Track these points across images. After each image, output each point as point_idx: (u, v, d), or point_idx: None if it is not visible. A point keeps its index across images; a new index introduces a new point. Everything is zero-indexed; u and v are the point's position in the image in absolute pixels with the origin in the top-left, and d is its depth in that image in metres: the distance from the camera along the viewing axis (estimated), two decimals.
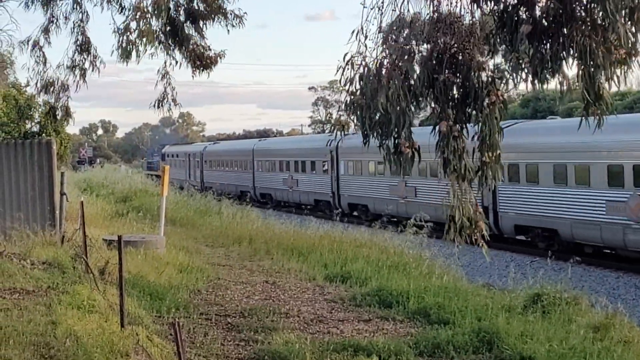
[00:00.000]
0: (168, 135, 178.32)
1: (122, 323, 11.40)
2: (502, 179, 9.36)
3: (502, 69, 8.63)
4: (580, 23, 7.59)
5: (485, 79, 8.51)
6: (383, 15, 8.90)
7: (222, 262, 21.20)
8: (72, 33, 16.01)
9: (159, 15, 14.28)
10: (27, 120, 33.70)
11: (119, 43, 14.38)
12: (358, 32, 8.74)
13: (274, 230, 27.22)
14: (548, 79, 7.98)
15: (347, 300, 15.86)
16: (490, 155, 8.78)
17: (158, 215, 25.03)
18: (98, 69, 16.17)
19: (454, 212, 8.86)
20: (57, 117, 17.04)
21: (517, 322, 13.38)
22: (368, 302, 15.49)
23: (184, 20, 15.72)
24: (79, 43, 15.95)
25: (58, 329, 11.03)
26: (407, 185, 38.90)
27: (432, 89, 8.63)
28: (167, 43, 15.61)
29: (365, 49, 8.76)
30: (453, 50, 8.57)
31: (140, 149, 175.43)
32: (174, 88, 16.63)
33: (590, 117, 8.24)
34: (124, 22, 14.40)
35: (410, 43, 8.89)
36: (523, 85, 8.60)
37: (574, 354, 11.51)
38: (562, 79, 7.93)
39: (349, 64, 8.75)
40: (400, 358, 11.60)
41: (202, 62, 16.11)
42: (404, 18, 9.00)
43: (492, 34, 8.32)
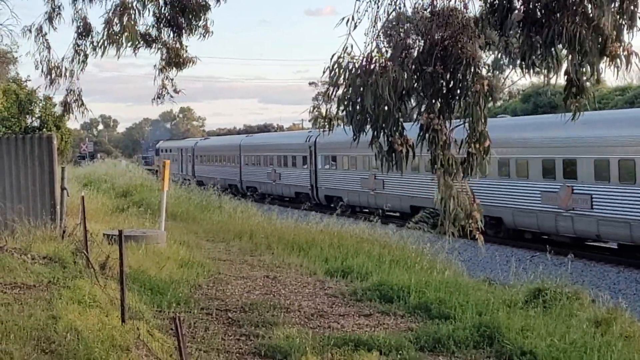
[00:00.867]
0: (168, 131, 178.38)
1: (122, 318, 11.39)
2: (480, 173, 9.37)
3: (495, 61, 8.61)
4: (572, 11, 7.57)
5: (474, 70, 8.48)
6: (379, 8, 8.87)
7: (222, 256, 21.20)
8: (73, 21, 15.99)
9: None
10: (27, 115, 33.64)
11: (102, 36, 14.51)
12: (349, 20, 8.69)
13: (275, 225, 27.23)
14: (536, 66, 7.96)
15: (347, 295, 15.86)
16: (478, 147, 8.76)
17: (159, 210, 25.05)
18: (100, 52, 16.13)
19: (448, 203, 8.83)
20: (71, 111, 16.90)
21: (518, 317, 13.38)
22: (369, 296, 15.48)
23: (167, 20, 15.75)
24: (80, 30, 15.92)
25: (59, 324, 11.03)
26: (376, 179, 41.92)
27: (419, 82, 8.60)
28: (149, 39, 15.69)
29: (352, 48, 8.71)
30: (445, 43, 8.54)
31: (141, 144, 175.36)
32: (172, 79, 16.65)
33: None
34: (107, 14, 14.48)
35: (407, 37, 8.86)
36: (520, 80, 8.59)
37: (575, 349, 11.51)
38: (551, 67, 7.90)
39: (337, 63, 8.71)
40: (401, 353, 11.59)
41: (176, 60, 16.22)
42: (402, 13, 8.98)
43: (482, 18, 8.27)
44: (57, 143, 22.05)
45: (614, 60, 7.83)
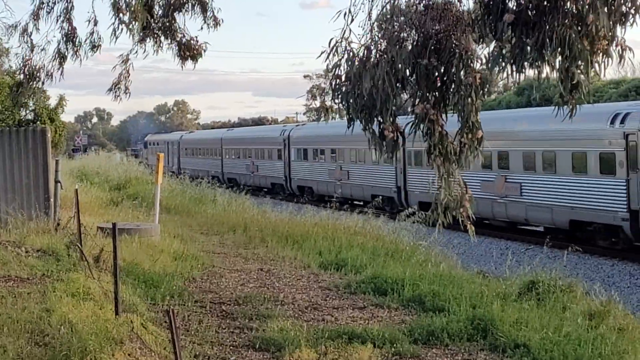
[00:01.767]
0: (161, 124, 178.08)
1: (116, 311, 11.39)
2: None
3: (490, 56, 8.61)
4: (563, 13, 7.59)
5: (467, 62, 8.50)
6: (374, 1, 8.87)
7: (216, 249, 21.19)
8: (56, 21, 15.87)
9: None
10: (21, 108, 33.57)
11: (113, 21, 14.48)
12: (346, 13, 8.69)
13: (269, 218, 27.23)
14: (526, 69, 8.03)
15: (341, 288, 15.87)
16: (470, 137, 8.80)
17: (153, 203, 25.02)
18: (80, 59, 16.01)
19: (440, 192, 8.88)
20: (23, 92, 16.67)
21: (511, 309, 13.39)
22: (363, 289, 15.49)
23: (169, 12, 15.60)
24: (65, 32, 15.81)
25: (52, 317, 11.02)
26: (342, 169, 46.34)
27: (414, 74, 8.62)
28: (155, 33, 15.52)
29: (350, 34, 8.72)
30: (439, 36, 8.55)
31: (130, 137, 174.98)
32: (129, 75, 16.44)
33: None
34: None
35: (401, 30, 8.85)
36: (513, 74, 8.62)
37: (569, 342, 11.52)
38: (540, 69, 7.95)
39: (334, 49, 8.73)
40: (395, 345, 11.61)
41: (190, 52, 16.07)
42: (397, 5, 8.97)
43: (477, 20, 8.30)
44: (51, 136, 22.00)
45: (604, 57, 7.87)
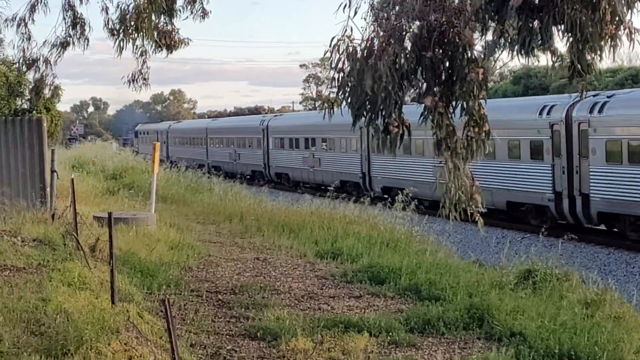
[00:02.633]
0: (158, 113, 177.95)
1: (112, 300, 11.38)
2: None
3: (489, 45, 8.57)
4: None
5: (470, 56, 8.48)
6: None
7: (213, 239, 21.20)
8: (62, 10, 15.84)
9: None
10: (17, 98, 33.45)
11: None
12: (346, 6, 8.66)
13: (265, 207, 27.23)
14: (535, 52, 7.99)
15: (338, 277, 15.88)
16: (477, 131, 8.79)
17: (149, 192, 25.00)
18: (84, 45, 16.03)
19: (449, 186, 8.86)
20: (41, 94, 16.82)
21: (508, 298, 13.41)
22: (359, 278, 15.50)
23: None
24: (71, 20, 15.80)
25: (49, 306, 11.01)
26: (314, 157, 49.21)
27: (419, 66, 8.60)
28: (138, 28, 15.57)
29: (352, 31, 8.70)
30: (443, 28, 8.51)
31: (122, 127, 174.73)
32: (149, 67, 16.46)
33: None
34: None
35: (401, 21, 8.82)
36: (512, 61, 8.59)
37: (565, 330, 11.53)
38: (551, 52, 7.93)
39: (336, 47, 8.70)
40: (391, 334, 11.62)
41: (166, 42, 16.07)
42: None
43: (480, 9, 8.27)
44: (47, 125, 21.96)
45: (613, 41, 7.87)
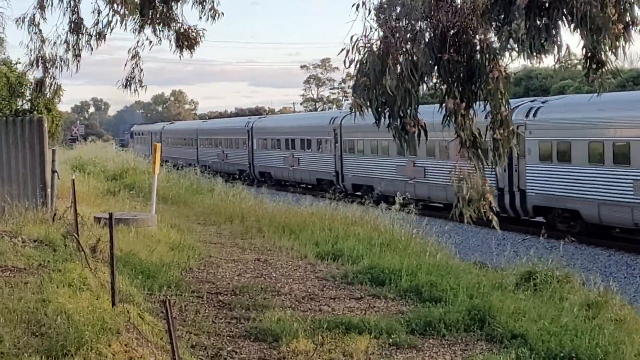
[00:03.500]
0: (158, 114, 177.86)
1: (113, 301, 11.37)
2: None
3: (500, 46, 8.53)
4: None
5: (488, 56, 8.45)
6: None
7: (213, 240, 21.19)
8: (66, 10, 15.82)
9: None
10: (18, 98, 33.43)
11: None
12: (359, 5, 8.63)
13: (266, 208, 27.22)
14: (545, 50, 7.94)
15: (338, 278, 15.87)
16: (502, 132, 8.75)
17: (150, 193, 24.99)
18: (91, 47, 16.01)
19: (462, 186, 8.84)
20: (44, 92, 16.79)
21: (509, 300, 13.40)
22: (360, 279, 15.49)
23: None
24: (72, 22, 15.78)
25: (49, 307, 11.00)
26: (293, 157, 52.48)
27: (437, 68, 8.57)
28: (152, 21, 15.45)
29: (370, 31, 8.67)
30: (455, 30, 8.49)
31: (119, 128, 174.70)
32: (142, 70, 16.39)
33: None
34: None
35: (412, 22, 8.79)
36: (514, 63, 8.57)
37: (566, 332, 11.52)
38: (559, 49, 7.89)
39: (355, 47, 8.67)
40: (392, 336, 11.62)
41: (188, 42, 15.99)
42: None
43: (487, 10, 8.24)
44: (47, 126, 21.95)
45: (622, 38, 7.87)
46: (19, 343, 9.72)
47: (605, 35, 7.66)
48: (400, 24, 8.72)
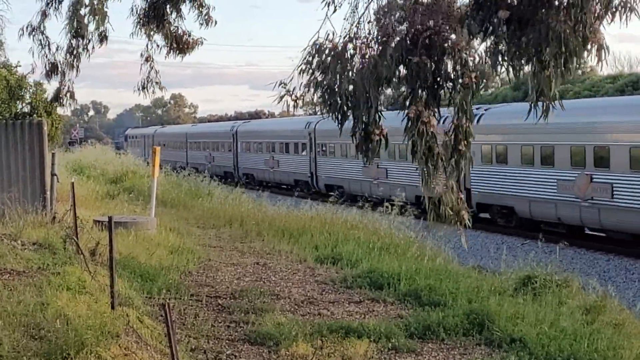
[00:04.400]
0: (158, 117, 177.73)
1: (112, 304, 11.37)
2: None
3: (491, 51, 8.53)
4: (555, 9, 7.58)
5: (460, 60, 8.45)
6: None
7: (213, 243, 21.18)
8: (67, 18, 15.87)
9: None
10: (18, 101, 33.42)
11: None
12: (328, 3, 8.63)
13: (265, 212, 27.22)
14: (523, 67, 8.02)
15: (337, 282, 15.87)
16: (466, 144, 8.77)
17: (149, 197, 24.99)
18: (89, 52, 16.08)
19: (427, 195, 8.89)
20: (62, 102, 16.88)
21: (507, 304, 13.40)
22: (359, 283, 15.49)
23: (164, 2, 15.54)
24: (75, 28, 15.83)
25: (48, 310, 10.99)
26: (273, 159, 56.14)
27: (405, 70, 8.56)
28: (147, 25, 15.49)
29: (333, 36, 8.67)
30: (429, 33, 8.47)
31: (114, 131, 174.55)
32: (158, 71, 16.48)
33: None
34: None
35: (388, 24, 8.78)
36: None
37: (565, 337, 11.54)
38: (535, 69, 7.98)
39: (316, 50, 8.67)
40: (391, 340, 11.62)
41: (179, 45, 16.04)
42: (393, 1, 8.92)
43: (466, 16, 8.23)
44: (47, 129, 21.95)
45: (599, 52, 7.91)
46: (18, 346, 9.71)
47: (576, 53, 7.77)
48: (385, 27, 8.72)
